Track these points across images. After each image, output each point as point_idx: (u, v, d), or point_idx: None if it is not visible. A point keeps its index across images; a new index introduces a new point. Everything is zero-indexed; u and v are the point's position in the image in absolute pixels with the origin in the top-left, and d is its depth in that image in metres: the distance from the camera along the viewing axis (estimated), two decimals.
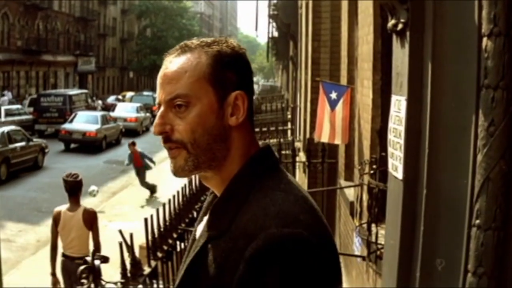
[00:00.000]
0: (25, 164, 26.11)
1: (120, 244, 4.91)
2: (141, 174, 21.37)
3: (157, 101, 1.88)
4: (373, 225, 5.50)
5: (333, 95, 8.71)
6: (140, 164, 21.57)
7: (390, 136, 3.41)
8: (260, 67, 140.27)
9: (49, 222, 11.29)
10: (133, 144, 21.01)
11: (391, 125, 3.40)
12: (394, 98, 3.40)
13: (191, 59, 1.83)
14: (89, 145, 33.27)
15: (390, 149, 3.41)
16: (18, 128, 28.26)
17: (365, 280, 6.61)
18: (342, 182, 9.03)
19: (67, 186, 9.27)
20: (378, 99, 6.75)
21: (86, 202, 20.64)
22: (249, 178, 1.83)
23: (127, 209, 19.34)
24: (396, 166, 3.27)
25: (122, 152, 33.13)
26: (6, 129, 26.39)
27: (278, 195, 1.76)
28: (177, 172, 1.88)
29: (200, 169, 1.86)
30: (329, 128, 8.72)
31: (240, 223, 1.74)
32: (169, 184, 19.36)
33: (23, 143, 26.57)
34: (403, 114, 3.18)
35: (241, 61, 1.88)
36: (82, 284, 4.34)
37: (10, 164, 24.90)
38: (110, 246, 5.89)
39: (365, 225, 5.87)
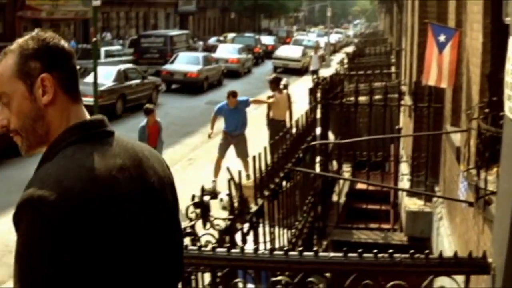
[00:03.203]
0: (140, 100, 26.88)
1: (228, 181, 4.98)
2: None
3: None
4: (482, 171, 5.40)
5: (442, 38, 8.51)
6: None
7: (507, 78, 3.33)
8: (362, 9, 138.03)
9: None
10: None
11: (508, 66, 3.31)
12: (511, 39, 3.31)
13: (5, 61, 2.19)
14: (190, 86, 33.49)
15: (507, 91, 3.33)
16: (133, 66, 29.14)
17: (470, 227, 6.52)
18: (448, 127, 8.86)
19: None
20: (488, 43, 6.56)
21: (187, 142, 21.10)
22: (55, 147, 2.15)
23: (229, 150, 19.46)
24: None
25: (224, 93, 33.35)
26: (122, 67, 27.62)
27: (61, 161, 2.06)
28: (23, 153, 2.27)
29: (34, 147, 2.24)
30: (436, 71, 8.55)
31: None
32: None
33: (138, 81, 27.57)
34: None
35: (46, 49, 2.18)
36: (190, 219, 4.41)
37: (126, 100, 26.11)
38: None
39: (472, 171, 5.77)
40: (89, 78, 22.14)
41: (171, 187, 2.38)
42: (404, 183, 10.46)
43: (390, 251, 3.52)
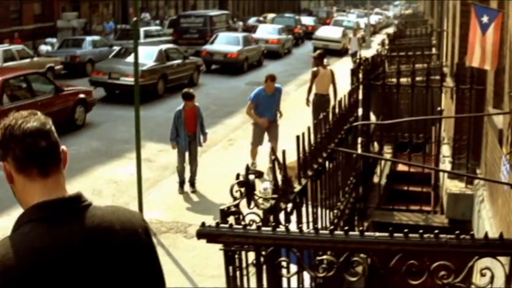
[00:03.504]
0: (181, 80, 27.30)
1: (273, 161, 5.02)
2: None
3: None
4: None
5: (485, 19, 8.45)
6: None
7: None
8: None
9: None
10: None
11: None
12: None
13: None
14: (230, 66, 33.54)
15: None
16: (175, 46, 29.41)
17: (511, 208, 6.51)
18: (490, 109, 8.82)
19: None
20: None
21: (227, 123, 21.17)
22: (20, 220, 2.47)
23: None
24: None
25: (264, 74, 33.25)
26: (163, 47, 27.83)
27: (17, 236, 2.40)
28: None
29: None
30: (479, 52, 8.51)
31: None
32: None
33: (179, 61, 27.75)
34: None
35: (3, 139, 2.47)
36: (235, 198, 4.45)
37: (167, 80, 26.32)
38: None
39: None
40: (130, 58, 22.81)
41: (140, 263, 2.58)
42: (446, 165, 10.42)
43: (436, 231, 3.54)
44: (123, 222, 2.56)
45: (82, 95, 20.44)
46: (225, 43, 34.52)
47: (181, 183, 13.94)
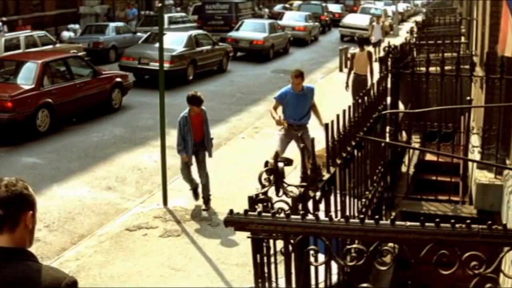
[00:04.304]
0: (211, 66, 27.80)
1: (302, 149, 4.99)
2: None
3: None
4: None
5: None
6: None
7: None
8: None
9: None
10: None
11: None
12: None
13: None
14: (256, 54, 33.42)
15: None
16: (204, 32, 29.87)
17: None
18: None
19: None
20: None
21: (253, 110, 21.14)
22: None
23: None
24: None
25: (290, 61, 33.27)
26: (193, 32, 28.19)
27: None
28: None
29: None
30: None
31: None
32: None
33: (209, 47, 28.06)
34: None
35: None
36: (264, 185, 4.43)
37: (197, 66, 26.66)
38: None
39: None
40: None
41: None
42: (475, 155, 10.31)
43: (468, 221, 3.49)
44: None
45: (118, 79, 21.14)
46: (251, 30, 34.40)
47: (194, 190, 12.48)
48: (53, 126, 17.70)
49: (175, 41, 26.01)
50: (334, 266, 4.95)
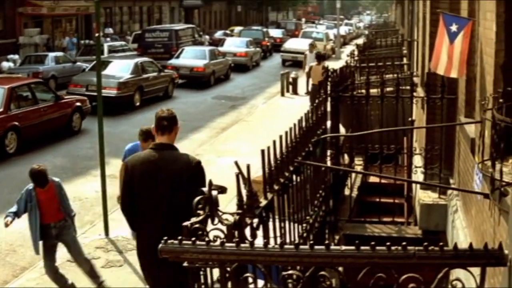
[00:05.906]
0: (157, 92, 28.44)
1: (237, 175, 4.87)
2: None
3: None
4: (497, 162, 5.28)
5: (453, 28, 8.39)
6: None
7: None
8: (373, 1, 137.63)
9: None
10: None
11: None
12: None
13: None
14: (197, 80, 33.41)
15: None
16: (150, 59, 30.42)
17: (485, 218, 6.41)
18: (462, 118, 8.74)
19: None
20: (502, 33, 6.44)
21: (194, 138, 21.04)
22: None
23: (236, 145, 19.47)
24: None
25: (231, 87, 33.30)
26: (139, 60, 28.95)
27: None
28: None
29: None
30: (446, 61, 8.43)
31: None
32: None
33: (155, 74, 28.68)
34: None
35: None
36: (198, 214, 4.33)
37: (143, 92, 27.27)
38: (221, 180, 5.90)
39: (487, 162, 5.66)
40: (107, 71, 25.29)
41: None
42: (418, 175, 10.34)
43: (403, 243, 3.42)
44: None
45: (78, 103, 22.12)
46: (191, 57, 34.48)
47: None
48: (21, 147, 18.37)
49: (121, 68, 26.79)
50: None
